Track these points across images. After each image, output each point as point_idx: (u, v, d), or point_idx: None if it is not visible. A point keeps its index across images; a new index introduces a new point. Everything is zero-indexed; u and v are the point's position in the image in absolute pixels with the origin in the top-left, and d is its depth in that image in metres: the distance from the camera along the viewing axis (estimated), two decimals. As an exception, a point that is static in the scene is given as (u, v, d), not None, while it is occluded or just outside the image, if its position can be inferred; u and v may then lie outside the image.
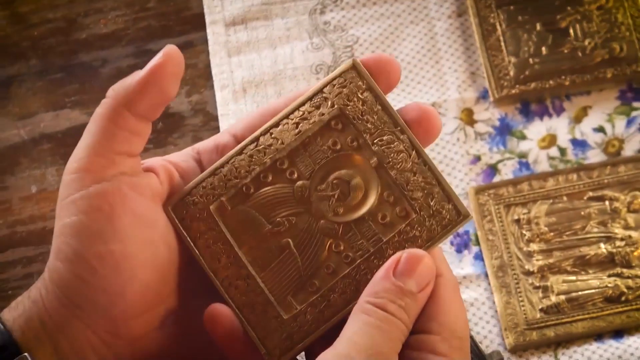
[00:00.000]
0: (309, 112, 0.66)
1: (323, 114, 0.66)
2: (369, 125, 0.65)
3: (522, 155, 0.94)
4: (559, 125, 0.95)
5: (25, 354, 0.62)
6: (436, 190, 0.64)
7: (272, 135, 0.66)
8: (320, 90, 0.66)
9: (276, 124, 0.66)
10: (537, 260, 0.88)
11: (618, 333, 0.87)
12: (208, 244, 0.66)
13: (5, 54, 1.01)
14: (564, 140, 0.94)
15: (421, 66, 0.98)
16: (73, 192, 0.63)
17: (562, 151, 0.94)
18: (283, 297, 0.65)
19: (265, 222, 0.66)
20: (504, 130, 0.95)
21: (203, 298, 0.66)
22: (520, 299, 0.87)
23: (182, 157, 0.69)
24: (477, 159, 0.94)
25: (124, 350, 0.65)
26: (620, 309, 0.87)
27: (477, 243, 0.90)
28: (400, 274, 0.61)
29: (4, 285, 0.90)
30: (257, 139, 0.66)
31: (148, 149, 0.95)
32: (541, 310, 0.87)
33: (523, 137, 0.94)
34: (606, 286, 0.87)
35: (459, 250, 0.90)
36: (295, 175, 0.66)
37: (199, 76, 0.99)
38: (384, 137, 0.64)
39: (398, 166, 0.64)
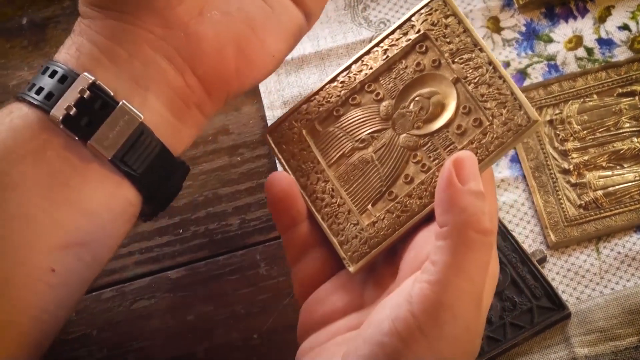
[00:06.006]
0: (397, 39, 0.68)
1: (409, 40, 0.67)
2: (451, 47, 0.66)
3: (550, 58, 0.89)
4: (584, 26, 0.90)
5: (85, 73, 0.62)
6: (509, 100, 0.63)
7: (363, 63, 0.68)
8: (408, 19, 0.68)
9: (367, 52, 0.68)
10: (573, 158, 0.84)
11: (657, 223, 0.83)
12: (300, 163, 0.69)
13: (39, -2, 0.97)
14: (590, 40, 0.90)
15: (445, -21, 0.93)
16: None
17: (589, 51, 0.89)
18: (364, 207, 0.66)
19: (352, 140, 0.67)
20: (531, 35, 0.90)
21: None
22: (559, 197, 0.83)
23: None
24: (507, 65, 0.89)
25: (179, 40, 0.64)
26: (658, 200, 0.83)
27: (513, 146, 0.86)
28: (464, 179, 0.58)
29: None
30: (349, 67, 0.69)
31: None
32: (580, 206, 0.83)
33: (550, 41, 0.90)
34: (642, 179, 0.83)
35: (495, 154, 0.86)
36: (381, 95, 0.67)
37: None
38: (464, 56, 0.65)
39: (475, 81, 0.65)
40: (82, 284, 0.64)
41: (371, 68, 0.68)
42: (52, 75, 0.63)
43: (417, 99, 0.66)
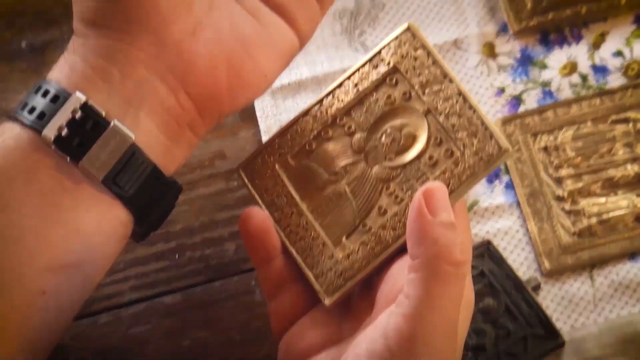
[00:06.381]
0: (367, 72, 0.67)
1: (380, 72, 0.67)
2: (420, 78, 0.65)
3: (545, 84, 0.89)
4: (579, 53, 0.90)
5: (77, 92, 0.61)
6: (480, 130, 0.63)
7: (335, 96, 0.68)
8: (378, 52, 0.68)
9: (339, 85, 0.68)
10: (567, 185, 0.84)
11: (651, 251, 0.82)
12: (273, 197, 0.68)
13: (39, 21, 0.97)
14: (584, 66, 0.89)
15: (441, 4, 0.93)
16: None
17: (584, 77, 0.88)
18: (338, 240, 0.66)
19: (325, 173, 0.67)
20: (526, 61, 0.90)
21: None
22: (553, 224, 0.83)
23: None
24: (501, 90, 0.89)
25: (172, 59, 0.64)
26: (652, 228, 0.82)
27: (507, 172, 0.85)
28: (435, 210, 0.58)
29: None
30: (321, 100, 0.69)
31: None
32: (574, 234, 0.82)
33: (544, 67, 0.89)
34: (636, 206, 0.83)
35: (489, 181, 0.86)
36: (353, 128, 0.67)
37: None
38: (434, 87, 0.65)
39: (446, 111, 0.64)
40: (73, 305, 0.63)
41: (342, 101, 0.68)
42: (44, 95, 0.62)
43: (388, 131, 0.66)
